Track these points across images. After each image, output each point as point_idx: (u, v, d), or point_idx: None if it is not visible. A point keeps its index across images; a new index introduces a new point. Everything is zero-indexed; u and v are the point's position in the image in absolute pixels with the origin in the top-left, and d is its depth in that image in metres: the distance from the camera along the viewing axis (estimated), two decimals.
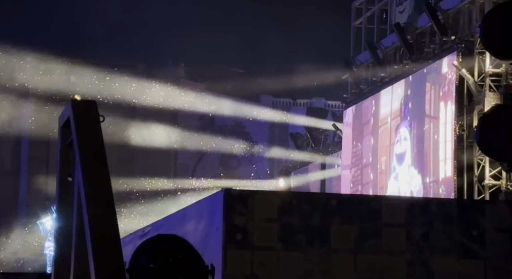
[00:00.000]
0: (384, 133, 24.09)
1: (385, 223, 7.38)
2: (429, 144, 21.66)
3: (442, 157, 20.39)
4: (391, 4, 23.60)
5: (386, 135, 23.96)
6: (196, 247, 5.63)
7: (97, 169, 4.61)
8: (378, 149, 24.33)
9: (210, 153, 43.58)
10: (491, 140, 7.53)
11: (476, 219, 7.54)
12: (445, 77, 20.12)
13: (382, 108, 23.86)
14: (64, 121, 5.20)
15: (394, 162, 22.74)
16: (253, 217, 7.18)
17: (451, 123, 20.02)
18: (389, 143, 23.99)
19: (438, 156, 20.65)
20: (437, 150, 20.76)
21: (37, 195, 41.20)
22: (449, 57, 19.84)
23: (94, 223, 4.37)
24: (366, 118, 24.68)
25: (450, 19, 19.72)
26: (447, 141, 20.20)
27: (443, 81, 20.31)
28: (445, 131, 20.35)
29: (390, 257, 7.36)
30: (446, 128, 20.25)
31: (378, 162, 24.26)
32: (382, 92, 23.42)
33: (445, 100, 20.36)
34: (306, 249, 7.22)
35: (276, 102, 46.16)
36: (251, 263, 7.13)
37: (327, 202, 7.41)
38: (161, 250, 4.69)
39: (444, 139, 20.34)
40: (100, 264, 4.21)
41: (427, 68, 20.80)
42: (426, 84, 21.37)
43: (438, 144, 20.69)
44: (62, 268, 5.12)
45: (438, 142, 20.72)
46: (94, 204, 4.45)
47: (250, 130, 44.90)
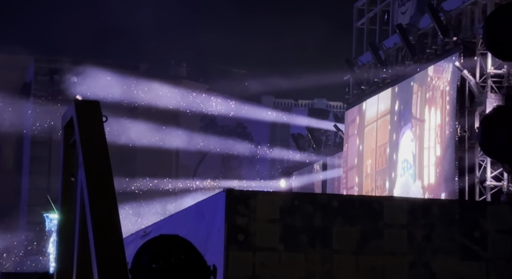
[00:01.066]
0: (370, 134, 24.07)
1: (387, 224, 7.38)
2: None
3: (426, 163, 20.52)
4: (393, 5, 23.60)
5: (372, 137, 23.94)
6: (198, 248, 5.63)
7: (100, 169, 4.62)
8: (364, 152, 24.31)
9: (211, 154, 43.59)
10: (493, 141, 7.53)
11: (478, 221, 7.53)
12: (431, 81, 20.19)
13: (368, 109, 23.93)
14: (67, 121, 5.21)
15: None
16: (255, 218, 7.18)
17: (434, 129, 20.15)
18: (375, 146, 23.99)
19: (423, 162, 20.74)
20: (422, 156, 20.84)
21: (39, 194, 41.21)
22: (435, 65, 20.03)
23: (97, 222, 4.37)
24: (357, 119, 24.66)
25: (452, 20, 19.71)
26: (430, 148, 20.30)
27: (429, 85, 20.41)
28: (429, 137, 20.46)
29: (391, 258, 7.36)
30: (430, 134, 20.34)
31: (364, 165, 24.29)
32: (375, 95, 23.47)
33: (430, 104, 20.48)
34: (307, 250, 7.22)
35: (277, 103, 46.15)
36: (253, 264, 7.13)
37: (329, 203, 7.41)
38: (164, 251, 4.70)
39: (428, 145, 20.46)
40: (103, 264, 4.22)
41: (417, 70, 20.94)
42: (413, 86, 21.50)
43: (423, 150, 20.78)
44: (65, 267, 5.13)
45: (423, 147, 20.81)
46: (97, 204, 4.46)
47: (251, 130, 44.91)
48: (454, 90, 19.25)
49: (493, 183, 18.23)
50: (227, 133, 43.88)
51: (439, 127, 20.12)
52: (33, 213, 41.12)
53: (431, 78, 20.75)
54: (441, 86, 20.21)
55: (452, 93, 19.44)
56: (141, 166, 41.60)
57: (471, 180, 18.44)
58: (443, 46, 19.93)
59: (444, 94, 20.01)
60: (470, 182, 18.43)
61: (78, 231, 4.85)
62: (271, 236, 7.21)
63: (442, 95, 20.13)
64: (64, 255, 5.15)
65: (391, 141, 22.86)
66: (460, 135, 18.71)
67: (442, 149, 20.02)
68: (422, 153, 20.96)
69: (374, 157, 23.82)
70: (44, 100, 41.92)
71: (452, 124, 19.22)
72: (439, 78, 20.29)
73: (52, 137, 40.91)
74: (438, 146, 20.59)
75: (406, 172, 21.69)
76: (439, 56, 20.10)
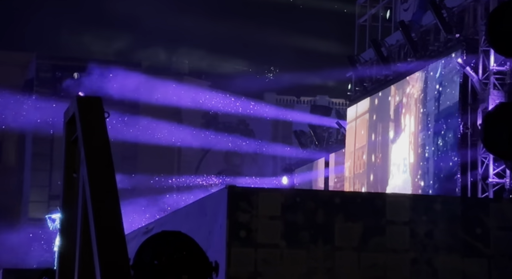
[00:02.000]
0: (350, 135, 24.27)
1: (389, 221, 7.38)
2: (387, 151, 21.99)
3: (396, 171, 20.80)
4: (395, 2, 23.58)
5: (352, 138, 24.09)
6: (200, 244, 5.63)
7: (102, 166, 4.62)
8: (345, 154, 24.46)
9: (213, 151, 43.59)
10: (495, 138, 7.52)
11: (480, 218, 7.53)
12: (406, 87, 20.41)
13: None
14: (69, 118, 5.22)
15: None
16: (257, 215, 7.18)
17: (409, 136, 20.37)
18: (353, 149, 24.16)
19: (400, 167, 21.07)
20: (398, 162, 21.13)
21: (41, 191, 41.24)
22: (417, 73, 20.29)
23: (99, 219, 4.38)
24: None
25: (455, 17, 19.69)
26: (404, 155, 20.60)
27: (405, 91, 20.66)
28: (401, 143, 20.76)
29: (394, 255, 7.36)
30: (403, 142, 20.56)
31: (345, 168, 24.49)
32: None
33: (406, 111, 20.75)
34: (309, 246, 7.23)
35: (279, 100, 46.13)
36: (255, 261, 7.13)
37: (331, 200, 7.41)
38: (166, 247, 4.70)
39: (402, 152, 20.75)
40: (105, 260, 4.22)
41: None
42: (391, 89, 21.78)
43: (398, 156, 21.04)
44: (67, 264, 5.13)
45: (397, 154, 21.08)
46: (99, 200, 4.46)
47: (253, 127, 44.89)
48: (429, 98, 19.66)
49: (496, 180, 18.22)
50: (229, 130, 43.88)
51: (412, 135, 20.66)
52: (35, 209, 41.15)
53: (408, 83, 21.06)
54: (415, 94, 20.55)
55: (424, 101, 19.87)
56: (143, 163, 41.61)
57: (474, 177, 18.43)
58: (445, 43, 19.92)
59: (418, 102, 20.42)
60: (473, 179, 18.42)
61: (80, 227, 4.85)
62: (273, 233, 7.22)
63: (416, 103, 20.53)
64: (66, 251, 5.16)
65: (370, 143, 23.05)
66: (462, 131, 18.71)
67: (416, 156, 20.37)
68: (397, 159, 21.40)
69: (352, 159, 24.09)
70: (46, 97, 41.93)
71: (424, 132, 19.69)
72: (413, 86, 20.58)
73: (54, 133, 40.92)
74: (412, 153, 21.03)
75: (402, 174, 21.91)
76: (441, 53, 20.09)
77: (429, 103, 20.55)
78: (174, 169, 42.95)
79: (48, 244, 33.26)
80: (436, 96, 20.19)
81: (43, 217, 39.15)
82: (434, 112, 20.20)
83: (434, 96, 20.32)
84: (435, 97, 20.27)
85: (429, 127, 20.17)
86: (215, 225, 7.39)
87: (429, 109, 20.34)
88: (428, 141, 20.09)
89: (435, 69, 20.35)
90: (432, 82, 20.46)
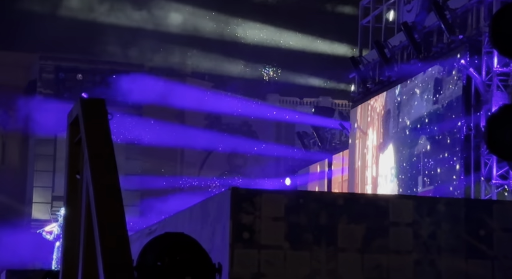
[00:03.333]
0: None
1: (393, 222, 7.37)
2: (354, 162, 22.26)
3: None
4: (398, 3, 23.58)
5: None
6: (203, 246, 5.63)
7: (106, 167, 4.62)
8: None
9: (216, 152, 43.59)
10: (499, 139, 7.52)
11: (483, 219, 7.53)
12: (371, 101, 20.65)
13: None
14: (72, 119, 5.22)
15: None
16: (260, 216, 7.18)
17: (371, 149, 20.54)
18: (357, 150, 24.41)
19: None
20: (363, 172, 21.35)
21: (44, 193, 41.27)
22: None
23: (102, 220, 4.38)
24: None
25: (458, 18, 19.68)
26: (367, 166, 20.83)
27: (369, 104, 20.93)
28: (365, 157, 21.05)
29: (397, 256, 7.35)
30: (369, 153, 20.76)
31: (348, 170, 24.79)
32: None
33: (369, 125, 20.99)
34: (313, 248, 7.22)
35: (283, 101, 46.13)
36: (258, 262, 7.13)
37: (334, 201, 7.40)
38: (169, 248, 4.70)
39: (366, 163, 20.99)
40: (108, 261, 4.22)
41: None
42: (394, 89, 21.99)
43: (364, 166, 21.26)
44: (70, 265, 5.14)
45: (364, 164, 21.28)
46: (103, 201, 4.46)
47: (256, 128, 44.89)
48: (388, 113, 19.86)
49: (499, 181, 18.20)
50: (232, 131, 43.88)
51: (375, 148, 20.99)
52: (39, 210, 41.18)
53: (409, 85, 21.21)
54: (378, 109, 20.77)
55: (385, 116, 20.10)
56: (146, 164, 41.63)
57: (477, 179, 18.43)
58: (449, 44, 19.91)
59: (380, 116, 20.73)
60: (476, 181, 18.41)
61: (83, 228, 4.85)
62: (276, 234, 7.22)
63: (378, 116, 20.83)
64: (69, 252, 5.16)
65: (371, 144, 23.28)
66: (466, 133, 18.70)
67: (377, 169, 20.66)
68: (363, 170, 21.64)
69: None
70: (49, 98, 41.97)
71: (383, 146, 20.02)
72: (376, 100, 20.78)
73: (57, 135, 40.95)
74: (374, 166, 21.24)
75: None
76: (444, 54, 20.09)
77: (430, 104, 20.54)
78: (177, 170, 42.96)
79: (51, 245, 33.30)
80: (438, 97, 20.18)
81: (46, 218, 39.17)
82: (436, 113, 20.19)
83: (436, 97, 20.32)
84: (437, 98, 20.27)
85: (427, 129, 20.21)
86: (218, 226, 7.39)
87: (430, 110, 20.35)
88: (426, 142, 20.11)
89: (438, 70, 20.34)
90: (435, 83, 20.45)
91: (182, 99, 41.00)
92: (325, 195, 10.91)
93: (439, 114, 20.06)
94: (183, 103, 40.79)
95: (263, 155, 42.56)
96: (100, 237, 4.31)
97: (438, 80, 20.34)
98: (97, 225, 4.39)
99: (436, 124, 20.16)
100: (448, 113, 19.65)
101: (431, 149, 20.19)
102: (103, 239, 4.30)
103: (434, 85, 20.48)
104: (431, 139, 20.25)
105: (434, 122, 20.24)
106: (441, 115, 19.96)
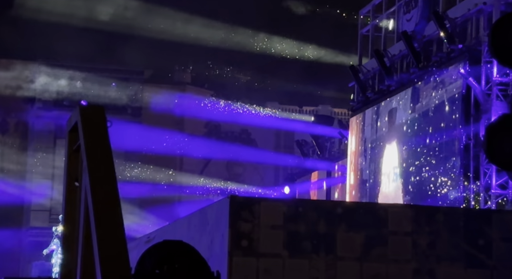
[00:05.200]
0: None
1: (391, 231, 7.36)
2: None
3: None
4: (398, 12, 23.60)
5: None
6: (202, 253, 5.62)
7: (104, 174, 4.61)
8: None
9: (215, 160, 43.57)
10: (498, 149, 7.52)
11: (482, 229, 7.51)
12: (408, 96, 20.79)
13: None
14: (71, 126, 5.21)
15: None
16: (258, 224, 7.17)
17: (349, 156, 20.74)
18: (354, 159, 24.64)
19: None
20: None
21: (43, 200, 41.22)
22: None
23: (100, 227, 4.37)
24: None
25: (458, 27, 19.70)
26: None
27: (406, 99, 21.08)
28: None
29: (396, 265, 7.34)
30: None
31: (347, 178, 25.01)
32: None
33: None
34: (311, 256, 7.21)
35: (282, 109, 46.15)
36: (257, 270, 7.11)
37: (333, 210, 7.39)
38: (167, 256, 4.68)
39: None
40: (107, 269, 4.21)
41: None
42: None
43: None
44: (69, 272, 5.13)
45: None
46: (101, 208, 4.46)
47: (256, 137, 44.89)
48: (430, 108, 19.94)
49: (498, 191, 18.19)
50: (232, 139, 43.88)
51: (353, 154, 21.19)
52: (37, 218, 41.12)
53: (410, 94, 21.46)
54: (417, 105, 20.97)
55: (425, 111, 20.26)
56: (145, 172, 41.59)
57: (476, 188, 18.40)
58: (448, 53, 19.92)
59: (359, 130, 21.12)
60: (475, 190, 18.39)
61: (81, 235, 4.84)
62: (275, 243, 7.20)
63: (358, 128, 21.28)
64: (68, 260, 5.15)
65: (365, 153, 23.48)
66: (465, 142, 18.69)
67: (355, 178, 20.93)
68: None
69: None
70: (49, 105, 41.96)
71: (361, 160, 20.35)
72: (415, 96, 20.99)
73: (56, 142, 40.92)
74: (352, 174, 21.36)
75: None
76: (444, 64, 20.10)
77: (430, 113, 20.56)
78: (176, 178, 42.93)
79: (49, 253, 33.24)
80: (438, 106, 20.19)
81: (45, 225, 39.11)
82: (437, 123, 20.20)
83: (435, 106, 20.33)
84: (436, 108, 20.28)
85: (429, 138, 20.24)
86: (217, 234, 7.38)
87: (429, 120, 20.38)
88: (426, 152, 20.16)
89: (437, 79, 20.36)
90: (434, 92, 20.47)
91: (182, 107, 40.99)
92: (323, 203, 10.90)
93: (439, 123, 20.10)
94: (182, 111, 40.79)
95: (262, 163, 42.55)
96: (99, 243, 4.30)
97: (436, 89, 20.37)
98: (95, 232, 4.38)
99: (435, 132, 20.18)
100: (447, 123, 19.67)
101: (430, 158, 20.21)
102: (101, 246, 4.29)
103: (433, 94, 20.52)
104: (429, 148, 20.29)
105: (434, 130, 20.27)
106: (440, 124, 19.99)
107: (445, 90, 19.73)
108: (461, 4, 19.84)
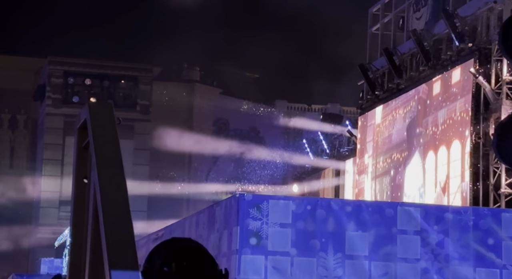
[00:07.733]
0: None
1: (401, 230, 7.34)
2: None
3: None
4: (408, 11, 23.55)
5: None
6: (210, 251, 5.61)
7: (113, 171, 4.61)
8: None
9: (224, 158, 43.60)
10: (507, 148, 7.48)
11: (492, 228, 7.49)
12: (418, 95, 20.64)
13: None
14: (80, 123, 5.22)
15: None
16: (267, 222, 7.17)
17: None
18: (364, 157, 24.67)
19: None
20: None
21: (52, 197, 41.33)
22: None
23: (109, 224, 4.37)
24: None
25: (468, 26, 19.64)
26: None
27: (416, 97, 20.86)
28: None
29: (404, 264, 7.32)
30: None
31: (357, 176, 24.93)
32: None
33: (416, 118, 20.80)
34: (320, 254, 7.20)
35: (291, 107, 46.12)
36: (265, 268, 7.11)
37: (342, 209, 7.38)
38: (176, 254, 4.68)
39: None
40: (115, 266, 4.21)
41: None
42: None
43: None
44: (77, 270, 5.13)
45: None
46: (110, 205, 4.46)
47: (264, 134, 44.89)
48: (440, 107, 19.93)
49: (508, 190, 18.12)
50: (240, 137, 43.88)
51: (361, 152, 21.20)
52: (46, 215, 41.23)
53: (418, 92, 21.26)
54: (427, 103, 20.97)
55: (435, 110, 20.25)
56: (154, 169, 41.66)
57: (486, 187, 18.34)
58: (458, 52, 19.86)
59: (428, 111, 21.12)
60: (485, 189, 18.33)
61: (90, 233, 4.85)
62: (284, 241, 7.20)
63: (426, 112, 21.24)
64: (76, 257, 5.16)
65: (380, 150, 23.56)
66: (474, 141, 18.63)
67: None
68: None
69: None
70: (58, 103, 42.05)
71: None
72: (425, 94, 20.90)
73: (65, 139, 41.01)
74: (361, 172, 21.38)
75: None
76: (454, 62, 20.04)
77: (439, 113, 20.52)
78: (184, 176, 42.98)
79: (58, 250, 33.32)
80: (447, 105, 20.15)
81: (54, 222, 39.20)
82: (446, 122, 20.16)
83: (444, 106, 20.28)
84: (445, 107, 20.23)
85: None
86: (226, 232, 7.38)
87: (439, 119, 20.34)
88: None
89: (447, 78, 20.32)
90: (444, 91, 20.42)
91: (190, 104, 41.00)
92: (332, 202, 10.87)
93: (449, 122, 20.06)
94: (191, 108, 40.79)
95: (271, 161, 42.54)
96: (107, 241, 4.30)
97: (447, 87, 20.32)
98: (104, 230, 4.38)
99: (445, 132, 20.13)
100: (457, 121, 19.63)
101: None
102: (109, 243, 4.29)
103: (443, 93, 20.48)
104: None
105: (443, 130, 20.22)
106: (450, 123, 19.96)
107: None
108: (471, 2, 19.77)
